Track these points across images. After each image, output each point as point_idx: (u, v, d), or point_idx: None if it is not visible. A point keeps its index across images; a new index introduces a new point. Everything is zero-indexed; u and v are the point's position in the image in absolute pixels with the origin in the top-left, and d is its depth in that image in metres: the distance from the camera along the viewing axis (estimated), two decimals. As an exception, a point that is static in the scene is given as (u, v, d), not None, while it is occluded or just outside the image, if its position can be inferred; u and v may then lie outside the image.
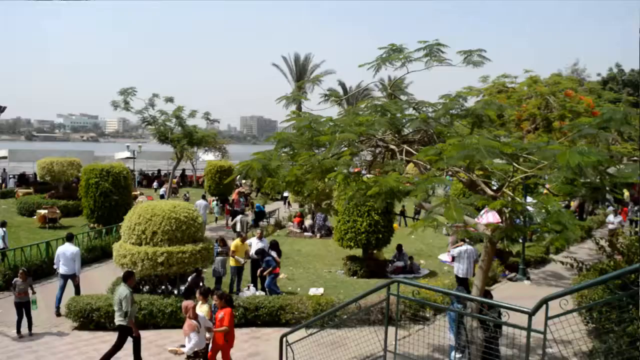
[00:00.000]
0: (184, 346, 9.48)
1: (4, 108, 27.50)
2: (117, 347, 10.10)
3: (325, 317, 9.80)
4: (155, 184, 41.30)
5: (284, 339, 9.12)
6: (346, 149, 8.51)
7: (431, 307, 12.12)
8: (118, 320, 10.07)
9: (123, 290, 10.07)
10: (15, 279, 12.20)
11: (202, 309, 10.00)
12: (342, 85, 63.57)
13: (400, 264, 17.68)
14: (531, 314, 5.94)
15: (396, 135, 9.38)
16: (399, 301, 8.09)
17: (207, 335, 9.35)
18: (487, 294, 9.06)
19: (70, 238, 14.56)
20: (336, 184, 9.34)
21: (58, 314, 13.29)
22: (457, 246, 14.39)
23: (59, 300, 13.51)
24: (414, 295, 8.28)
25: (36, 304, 12.25)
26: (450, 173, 8.72)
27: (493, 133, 8.89)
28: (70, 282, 13.88)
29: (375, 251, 17.69)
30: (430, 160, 7.53)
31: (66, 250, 13.90)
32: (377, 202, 7.76)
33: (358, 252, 17.69)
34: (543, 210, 7.24)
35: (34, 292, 12.19)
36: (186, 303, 9.38)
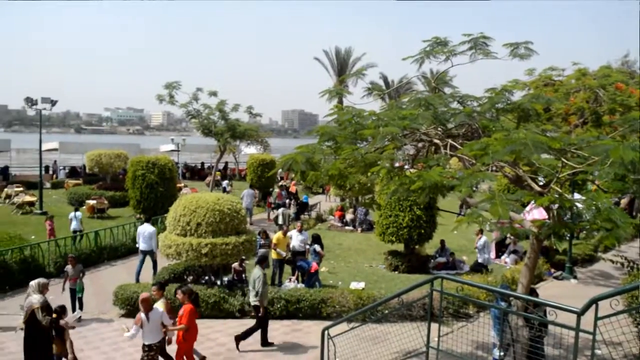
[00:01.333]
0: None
1: (55, 102, 28.25)
2: (257, 326, 10.95)
3: (367, 311, 9.77)
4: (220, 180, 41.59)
5: (326, 332, 9.14)
6: (389, 143, 8.46)
7: (474, 304, 11.95)
8: (253, 300, 10.93)
9: (257, 272, 10.91)
10: (66, 266, 12.64)
11: (159, 303, 9.47)
12: (384, 78, 63.03)
13: (442, 259, 17.49)
14: (580, 314, 5.79)
15: (440, 129, 9.26)
16: (442, 297, 8.01)
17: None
18: (533, 292, 8.89)
19: (148, 219, 16.40)
20: (379, 178, 9.31)
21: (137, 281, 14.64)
22: (480, 238, 15.82)
23: (138, 273, 15.16)
24: (458, 291, 8.17)
25: (83, 291, 12.67)
26: (494, 168, 8.57)
27: (540, 127, 8.68)
28: (148, 258, 15.49)
29: (417, 246, 17.54)
30: (475, 155, 7.41)
31: (145, 230, 15.54)
32: (420, 196, 7.69)
33: (399, 247, 17.58)
34: (593, 207, 7.03)
35: (81, 278, 12.62)
36: (142, 296, 8.89)
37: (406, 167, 9.63)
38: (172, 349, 9.42)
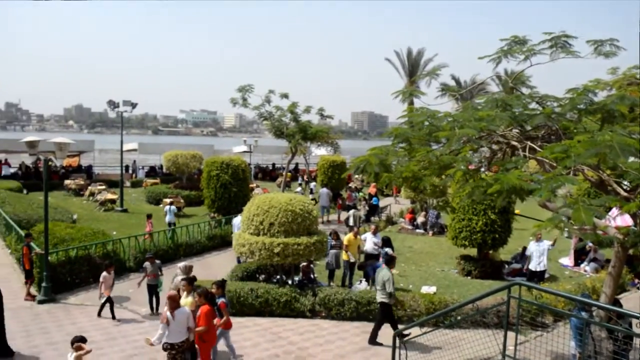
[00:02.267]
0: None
1: (135, 104, 29.55)
2: (380, 322, 11.18)
3: (440, 316, 9.61)
4: (301, 179, 42.15)
5: (397, 337, 9.06)
6: (465, 145, 8.28)
7: (552, 313, 11.51)
8: (380, 298, 11.13)
9: (386, 273, 11.13)
10: (145, 263, 13.18)
11: (186, 301, 9.75)
12: (456, 79, 61.76)
13: (517, 265, 16.93)
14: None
15: (518, 130, 8.99)
16: (520, 305, 7.74)
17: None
18: (616, 303, 8.47)
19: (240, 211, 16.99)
20: (453, 180, 9.13)
21: None
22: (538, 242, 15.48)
23: (239, 261, 16.07)
24: (537, 299, 7.89)
25: (162, 286, 13.14)
26: (575, 172, 8.22)
27: (628, 129, 8.25)
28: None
29: (490, 251, 17.09)
30: (556, 157, 7.13)
31: (238, 220, 16.41)
32: (497, 200, 7.48)
33: (472, 251, 17.19)
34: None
35: (161, 274, 13.11)
36: (169, 293, 9.15)
37: (482, 169, 9.40)
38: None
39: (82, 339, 8.33)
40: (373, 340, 11.13)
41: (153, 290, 13.01)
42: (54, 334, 11.43)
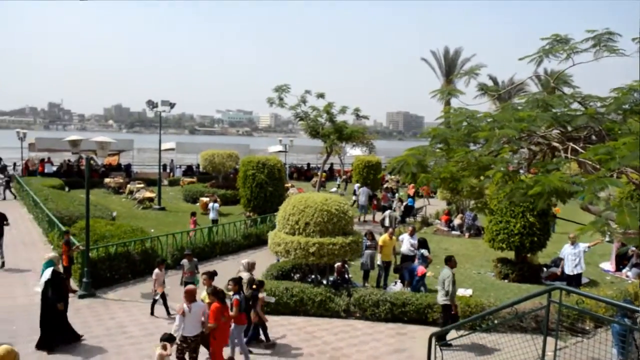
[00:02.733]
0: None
1: (173, 104, 30.03)
2: (445, 324, 10.97)
3: (477, 319, 9.49)
4: (339, 180, 42.04)
5: (433, 338, 8.97)
6: (505, 145, 8.14)
7: (593, 319, 11.22)
8: (442, 300, 11.14)
9: (446, 272, 11.16)
10: (183, 260, 13.36)
11: (204, 295, 10.04)
12: (493, 79, 60.79)
13: (556, 269, 16.56)
14: None
15: (559, 131, 8.78)
16: (560, 310, 7.58)
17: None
18: (662, 309, 8.20)
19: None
20: (492, 182, 8.98)
21: None
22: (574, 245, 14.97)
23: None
24: (578, 304, 7.71)
25: (198, 283, 13.30)
26: (618, 174, 7.99)
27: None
28: None
29: (528, 255, 16.76)
30: (600, 159, 6.94)
31: None
32: (538, 202, 7.33)
33: (510, 254, 16.89)
34: None
35: (197, 272, 13.28)
36: (187, 287, 9.45)
37: (521, 171, 9.23)
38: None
39: (170, 338, 8.35)
40: (441, 340, 10.92)
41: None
42: (94, 327, 11.70)
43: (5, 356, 6.33)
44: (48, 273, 10.79)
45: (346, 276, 14.19)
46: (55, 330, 10.66)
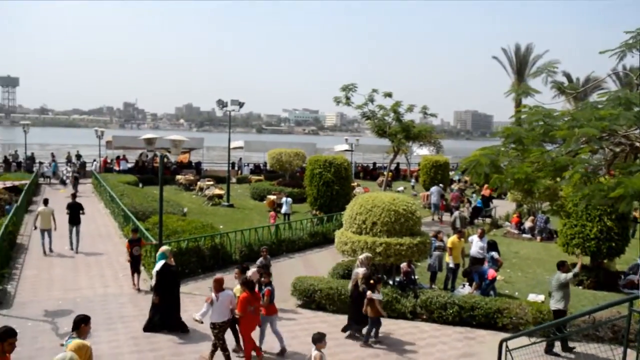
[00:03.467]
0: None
1: (243, 104, 30.57)
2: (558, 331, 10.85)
3: (551, 326, 9.12)
4: (413, 181, 41.40)
5: (504, 344, 8.69)
6: (584, 145, 7.77)
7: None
8: (554, 305, 10.83)
9: (562, 275, 10.77)
10: (260, 258, 13.50)
11: (237, 288, 10.38)
12: (567, 76, 58.35)
13: (635, 277, 15.69)
14: None
15: (643, 131, 8.30)
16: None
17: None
18: None
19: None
20: (570, 183, 8.61)
21: None
22: None
23: None
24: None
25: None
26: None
27: None
28: None
29: (605, 261, 15.98)
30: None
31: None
32: (620, 205, 6.96)
33: (585, 260, 16.15)
34: None
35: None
36: (215, 277, 9.93)
37: (600, 172, 8.80)
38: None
39: (321, 337, 8.18)
40: (549, 350, 10.54)
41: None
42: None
43: (77, 350, 6.46)
44: (159, 266, 11.51)
45: (412, 277, 14.00)
46: (165, 316, 11.42)
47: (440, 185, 28.23)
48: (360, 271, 11.34)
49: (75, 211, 18.43)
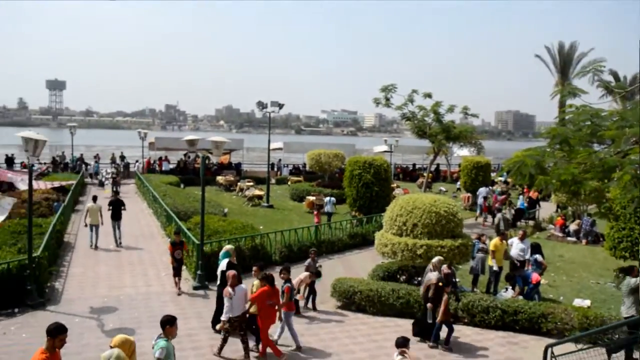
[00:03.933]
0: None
1: (282, 105, 30.77)
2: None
3: (600, 333, 8.85)
4: (458, 183, 41.13)
5: (549, 349, 8.46)
6: (634, 146, 7.53)
7: None
8: (626, 312, 10.48)
9: (631, 280, 10.52)
10: (307, 261, 13.54)
11: (255, 283, 10.71)
12: (614, 75, 56.57)
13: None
14: None
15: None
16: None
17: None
18: None
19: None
20: (619, 185, 8.36)
21: None
22: None
23: None
24: None
25: (320, 278, 13.50)
26: None
27: None
28: None
29: (655, 265, 15.45)
30: None
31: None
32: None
33: (634, 263, 15.65)
34: None
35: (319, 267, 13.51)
36: (229, 272, 10.21)
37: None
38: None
39: (405, 342, 8.18)
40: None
41: (312, 284, 13.26)
42: (207, 318, 12.18)
43: (121, 345, 6.59)
44: (224, 264, 11.75)
45: (453, 279, 13.80)
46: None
47: (490, 187, 27.93)
48: (433, 276, 11.24)
49: (117, 207, 19.53)
